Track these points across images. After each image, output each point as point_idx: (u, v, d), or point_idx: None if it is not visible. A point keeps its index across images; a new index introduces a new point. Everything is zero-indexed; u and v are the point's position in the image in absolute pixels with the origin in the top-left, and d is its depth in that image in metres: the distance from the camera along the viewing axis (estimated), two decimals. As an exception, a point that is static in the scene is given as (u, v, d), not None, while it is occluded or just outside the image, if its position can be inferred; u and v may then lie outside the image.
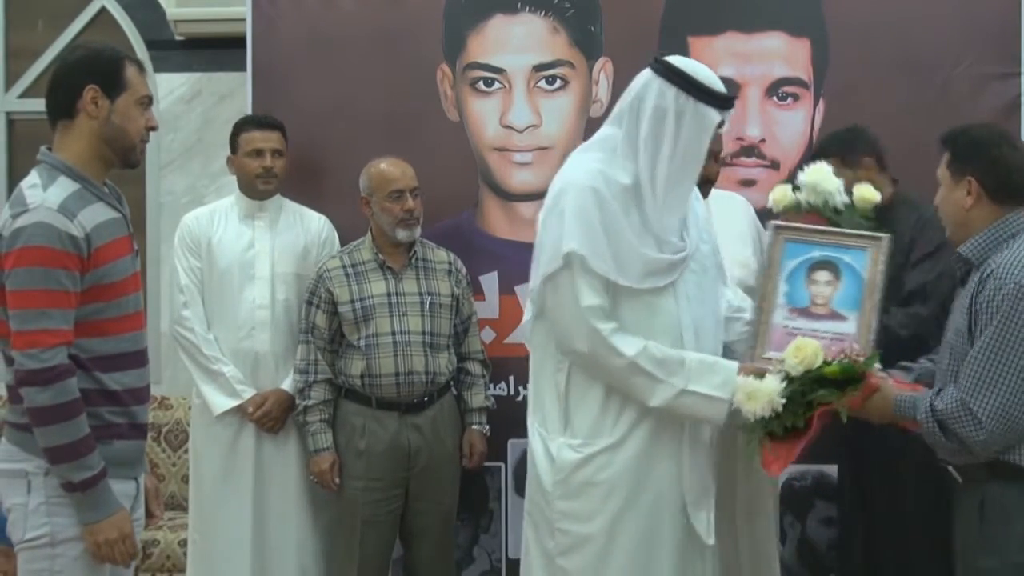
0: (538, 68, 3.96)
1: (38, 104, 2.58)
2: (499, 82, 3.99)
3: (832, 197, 3.03)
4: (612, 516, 2.69)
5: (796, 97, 3.93)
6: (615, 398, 2.71)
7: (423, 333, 3.57)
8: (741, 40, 3.93)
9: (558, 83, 3.97)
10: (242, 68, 4.10)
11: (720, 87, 2.74)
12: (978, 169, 2.59)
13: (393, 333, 3.54)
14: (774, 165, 3.92)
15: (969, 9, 3.84)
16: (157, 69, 4.84)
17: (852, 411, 2.62)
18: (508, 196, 3.99)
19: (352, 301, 3.56)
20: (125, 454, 2.54)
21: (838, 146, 3.48)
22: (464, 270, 3.74)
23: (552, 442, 2.75)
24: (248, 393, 3.68)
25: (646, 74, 2.75)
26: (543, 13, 3.99)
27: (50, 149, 2.54)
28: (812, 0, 3.91)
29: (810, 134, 3.92)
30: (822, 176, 3.07)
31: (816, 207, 3.02)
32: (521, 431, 3.90)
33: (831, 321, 2.83)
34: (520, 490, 3.94)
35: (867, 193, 3.06)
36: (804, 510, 3.82)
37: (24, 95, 5.06)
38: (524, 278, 3.88)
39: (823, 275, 2.89)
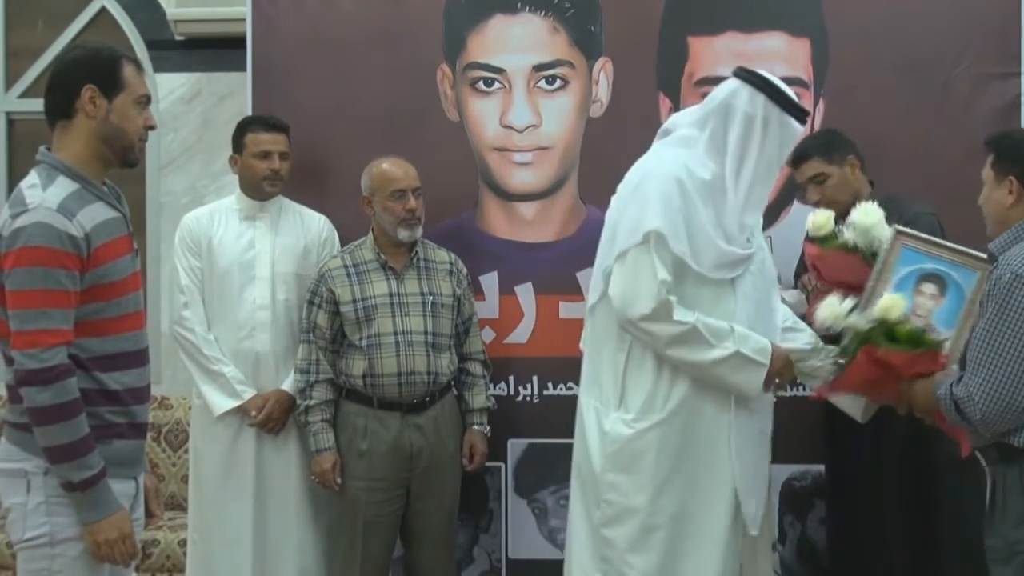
0: (538, 68, 3.96)
1: (38, 104, 2.59)
2: (499, 82, 3.99)
3: (880, 244, 3.03)
4: (656, 490, 2.90)
5: (796, 97, 3.92)
6: (665, 377, 2.93)
7: (425, 333, 3.57)
8: (741, 40, 3.93)
9: (558, 83, 3.96)
10: (242, 68, 4.10)
11: (798, 102, 3.00)
12: (1021, 169, 2.70)
13: (395, 333, 3.54)
14: (774, 165, 3.91)
15: (969, 9, 3.84)
16: (157, 69, 4.84)
17: (898, 396, 2.85)
18: (508, 196, 3.99)
19: (354, 301, 3.56)
20: (125, 454, 2.54)
21: (823, 147, 3.52)
22: (465, 270, 3.74)
23: (607, 417, 2.94)
24: (248, 393, 3.67)
25: (733, 82, 2.98)
26: (543, 13, 3.98)
27: (49, 149, 2.54)
28: (812, 0, 3.91)
29: (810, 134, 3.92)
30: (875, 221, 3.05)
31: (861, 250, 3.04)
32: (521, 431, 3.93)
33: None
34: (520, 490, 3.94)
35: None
36: (804, 510, 3.82)
37: (24, 95, 5.07)
38: (524, 278, 3.94)
39: (930, 288, 2.97)
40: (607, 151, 3.81)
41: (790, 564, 3.87)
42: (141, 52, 4.91)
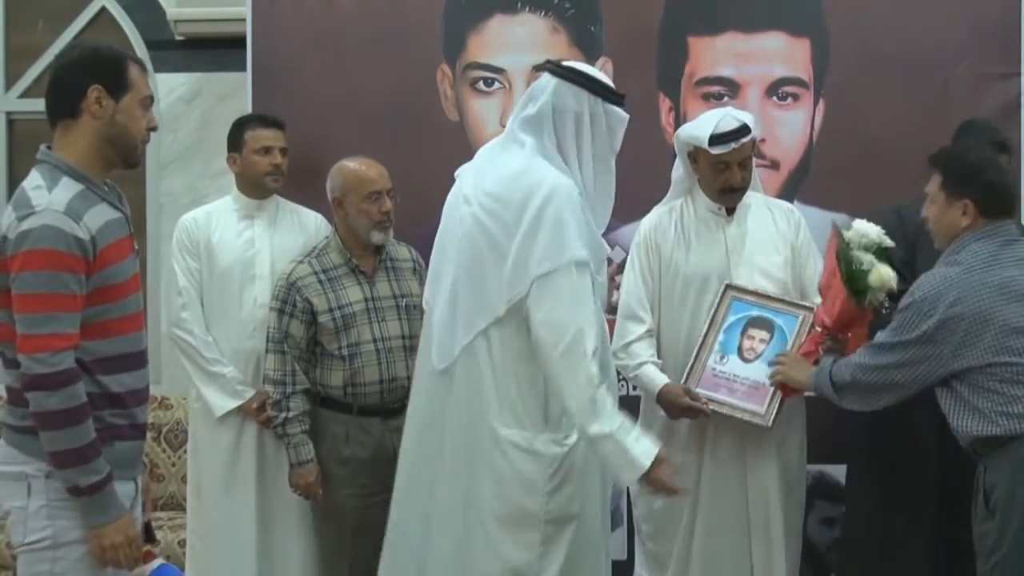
0: (538, 68, 3.94)
1: (38, 104, 2.58)
2: (499, 82, 3.99)
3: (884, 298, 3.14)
4: (584, 496, 2.85)
5: (796, 97, 3.93)
6: None
7: (403, 337, 3.51)
8: (741, 40, 3.93)
9: (558, 83, 3.95)
10: (242, 68, 4.10)
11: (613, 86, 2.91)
12: (976, 194, 2.84)
13: (375, 340, 3.48)
14: (774, 165, 3.92)
15: (969, 9, 3.84)
16: (157, 69, 4.83)
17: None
18: (508, 196, 3.98)
19: (331, 310, 3.46)
20: (125, 455, 2.53)
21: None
22: (424, 265, 3.70)
23: (536, 440, 2.77)
24: (249, 393, 3.67)
25: (550, 81, 2.85)
26: (543, 13, 3.98)
27: (49, 148, 2.52)
28: (812, 0, 3.91)
29: (810, 134, 3.93)
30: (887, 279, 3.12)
31: (873, 304, 3.14)
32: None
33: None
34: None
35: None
36: (804, 510, 3.81)
37: (24, 95, 5.06)
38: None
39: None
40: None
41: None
42: (141, 52, 4.90)
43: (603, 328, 2.90)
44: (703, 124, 3.34)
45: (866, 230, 3.15)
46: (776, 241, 3.42)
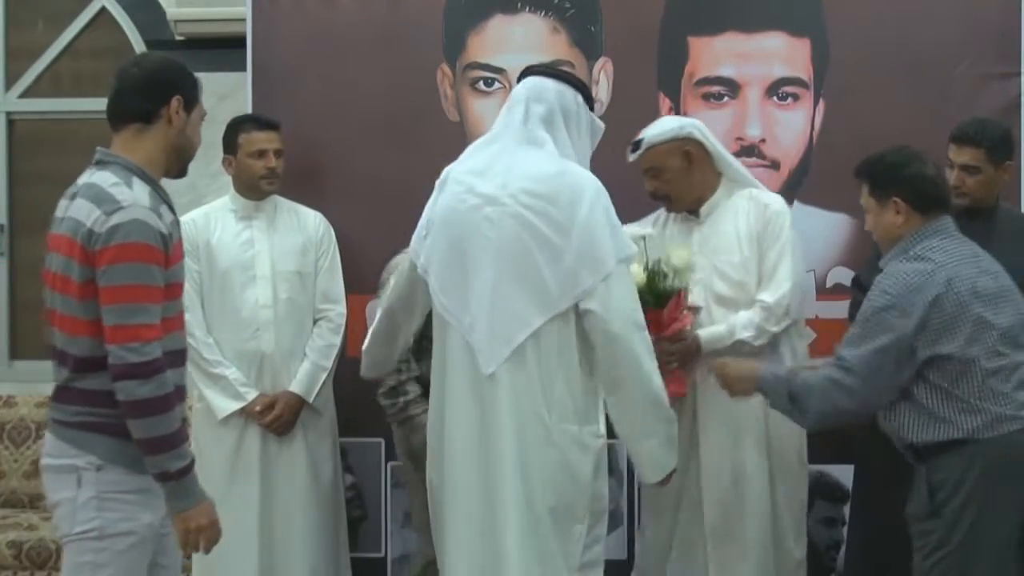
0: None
1: (38, 104, 2.60)
2: (499, 82, 3.99)
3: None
4: (606, 484, 2.92)
5: (796, 97, 3.93)
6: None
7: None
8: (741, 40, 3.93)
9: (558, 83, 3.96)
10: (242, 68, 4.10)
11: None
12: (901, 189, 2.92)
13: None
14: (774, 165, 3.92)
15: (969, 9, 3.85)
16: (157, 69, 4.83)
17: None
18: (508, 196, 3.98)
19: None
20: None
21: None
22: None
23: (581, 433, 2.82)
24: (252, 394, 3.67)
25: (549, 82, 2.92)
26: (543, 13, 3.99)
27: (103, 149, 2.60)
28: (812, 0, 3.91)
29: (810, 134, 3.93)
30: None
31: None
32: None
33: None
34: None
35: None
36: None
37: (24, 95, 5.06)
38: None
39: None
40: (607, 151, 3.80)
41: (790, 564, 3.87)
42: (141, 52, 4.91)
43: None
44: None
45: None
46: (740, 240, 3.42)
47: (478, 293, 2.79)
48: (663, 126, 3.46)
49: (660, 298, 3.31)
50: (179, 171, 2.67)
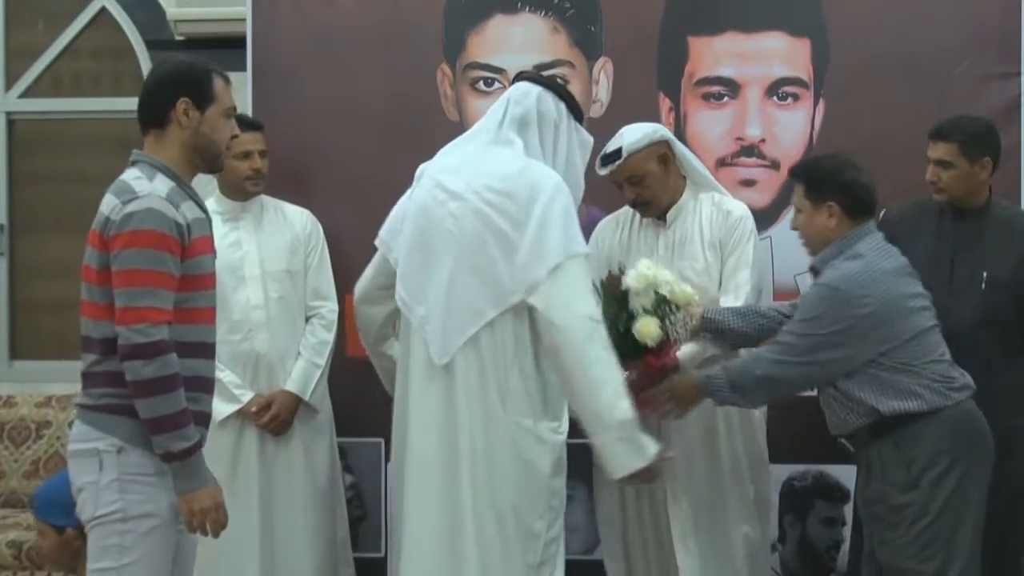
0: (538, 68, 3.94)
1: (38, 104, 2.61)
2: (499, 82, 3.99)
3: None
4: (564, 481, 2.95)
5: (796, 97, 3.93)
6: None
7: None
8: (741, 40, 3.93)
9: (558, 83, 3.96)
10: (242, 68, 4.09)
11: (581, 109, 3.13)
12: (837, 194, 3.09)
13: None
14: (774, 165, 3.92)
15: (969, 9, 3.85)
16: (157, 69, 4.84)
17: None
18: (508, 196, 3.99)
19: None
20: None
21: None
22: None
23: (537, 427, 2.86)
24: (247, 396, 3.66)
25: (533, 88, 3.01)
26: (543, 13, 3.99)
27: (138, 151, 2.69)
28: (812, 0, 3.91)
29: (810, 134, 3.93)
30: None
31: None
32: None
33: None
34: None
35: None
36: (804, 510, 3.82)
37: (24, 95, 5.06)
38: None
39: None
40: (607, 151, 3.81)
41: (790, 564, 3.87)
42: (141, 52, 4.91)
43: None
44: (612, 140, 3.47)
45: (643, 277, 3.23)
46: (701, 245, 3.43)
47: (436, 285, 2.90)
48: (637, 133, 3.43)
49: (662, 343, 3.21)
50: (209, 167, 2.74)
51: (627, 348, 3.10)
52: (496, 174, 2.91)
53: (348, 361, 3.86)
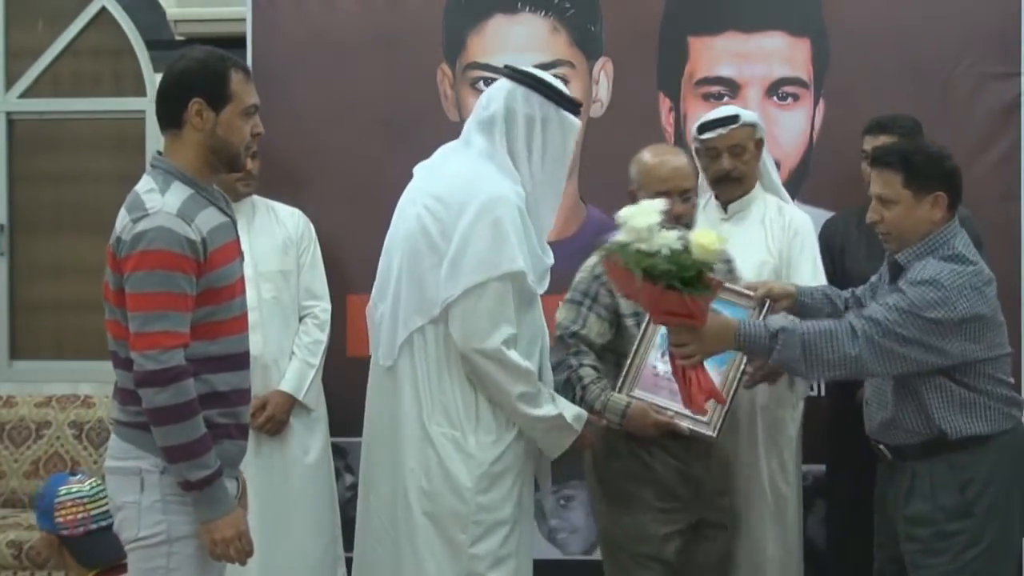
0: (538, 68, 3.95)
1: (38, 104, 2.59)
2: (499, 82, 3.99)
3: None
4: (517, 498, 2.89)
5: (796, 97, 3.93)
6: None
7: None
8: (741, 40, 3.94)
9: (558, 83, 3.96)
10: (242, 68, 4.09)
11: (570, 94, 2.97)
12: (943, 185, 2.79)
13: None
14: (774, 165, 3.91)
15: (969, 9, 3.85)
16: (157, 69, 4.83)
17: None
18: (508, 196, 3.99)
19: (637, 313, 3.08)
20: (232, 454, 2.58)
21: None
22: None
23: (466, 441, 2.84)
24: (244, 397, 3.66)
25: (506, 83, 2.91)
26: (543, 13, 3.99)
27: (160, 154, 2.60)
28: (812, 0, 3.91)
29: (810, 134, 3.93)
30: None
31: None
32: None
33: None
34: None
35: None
36: (804, 510, 3.81)
37: (24, 95, 5.06)
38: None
39: None
40: (607, 151, 3.81)
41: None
42: (141, 52, 4.91)
43: (544, 336, 2.97)
44: (702, 116, 3.45)
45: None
46: (760, 247, 3.42)
47: (392, 286, 2.92)
48: (748, 111, 3.48)
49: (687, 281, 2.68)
50: (228, 168, 2.63)
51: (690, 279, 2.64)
52: (443, 180, 2.89)
53: (349, 362, 3.86)
